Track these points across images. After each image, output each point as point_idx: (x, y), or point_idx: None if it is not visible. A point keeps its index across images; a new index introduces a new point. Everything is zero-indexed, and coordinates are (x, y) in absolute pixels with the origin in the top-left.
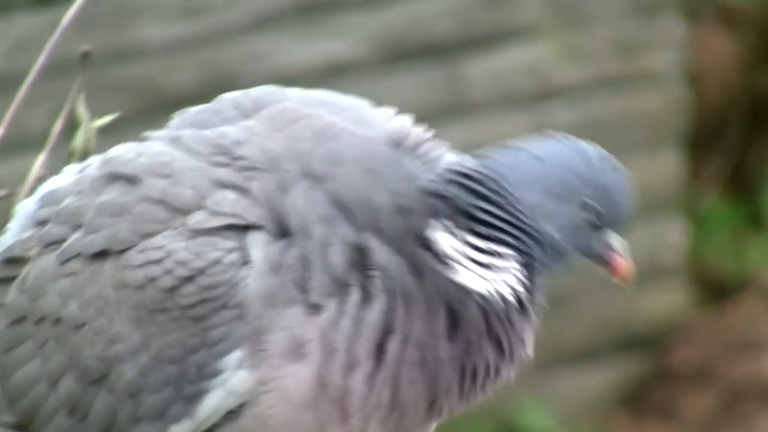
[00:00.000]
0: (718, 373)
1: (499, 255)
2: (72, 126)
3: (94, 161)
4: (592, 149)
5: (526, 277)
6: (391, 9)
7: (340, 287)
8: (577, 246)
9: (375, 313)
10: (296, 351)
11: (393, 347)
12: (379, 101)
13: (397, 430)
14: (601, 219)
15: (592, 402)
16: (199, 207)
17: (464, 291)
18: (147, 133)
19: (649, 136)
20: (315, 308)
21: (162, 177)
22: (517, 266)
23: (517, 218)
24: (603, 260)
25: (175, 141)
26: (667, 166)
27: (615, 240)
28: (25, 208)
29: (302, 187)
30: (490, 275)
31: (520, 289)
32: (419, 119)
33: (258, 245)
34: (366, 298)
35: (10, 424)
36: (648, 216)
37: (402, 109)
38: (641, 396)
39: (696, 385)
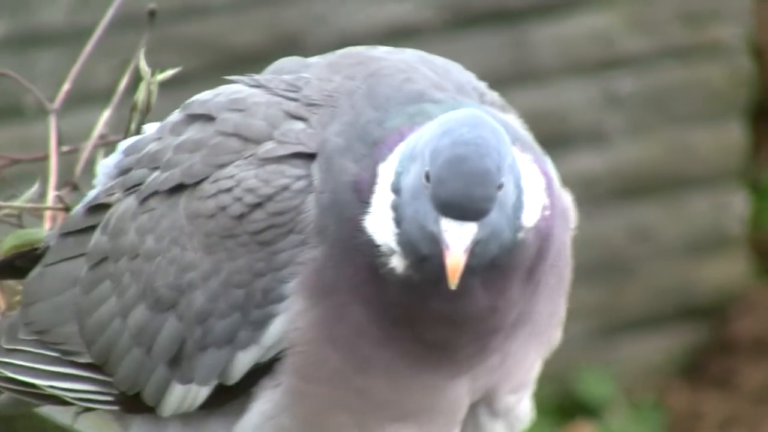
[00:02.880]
0: None
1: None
2: (136, 81)
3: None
4: (463, 123)
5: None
6: None
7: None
8: (414, 211)
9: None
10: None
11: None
12: None
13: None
14: (432, 193)
15: (650, 370)
16: (270, 137)
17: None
18: (229, 78)
19: (713, 107)
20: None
21: (236, 111)
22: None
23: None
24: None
25: (255, 82)
26: (730, 137)
27: (452, 226)
28: (109, 161)
29: (340, 119)
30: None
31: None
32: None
33: (317, 174)
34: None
35: (87, 365)
36: (710, 186)
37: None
38: (699, 365)
39: (754, 356)
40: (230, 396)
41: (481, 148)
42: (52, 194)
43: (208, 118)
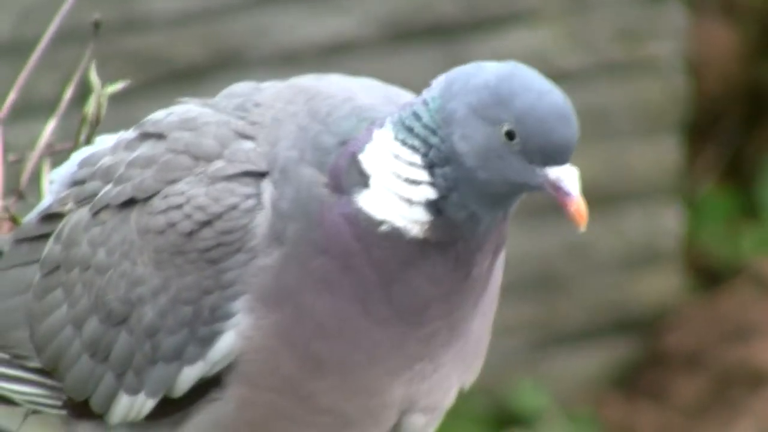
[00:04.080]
0: (709, 358)
1: (416, 183)
2: (82, 93)
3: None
4: (526, 73)
5: (438, 212)
6: None
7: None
8: (495, 173)
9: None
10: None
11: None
12: (383, 80)
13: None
14: (530, 149)
15: (585, 383)
16: (219, 156)
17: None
18: (181, 99)
19: (649, 123)
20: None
21: (187, 130)
22: (431, 197)
23: (432, 131)
24: (551, 195)
25: (205, 103)
26: (666, 153)
27: (561, 173)
28: (62, 171)
29: (287, 137)
30: (399, 206)
31: (425, 226)
32: None
33: (267, 191)
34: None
35: (36, 370)
36: (645, 201)
37: (406, 89)
38: (634, 378)
39: (687, 369)
40: (176, 407)
41: (557, 90)
42: None
43: (160, 137)
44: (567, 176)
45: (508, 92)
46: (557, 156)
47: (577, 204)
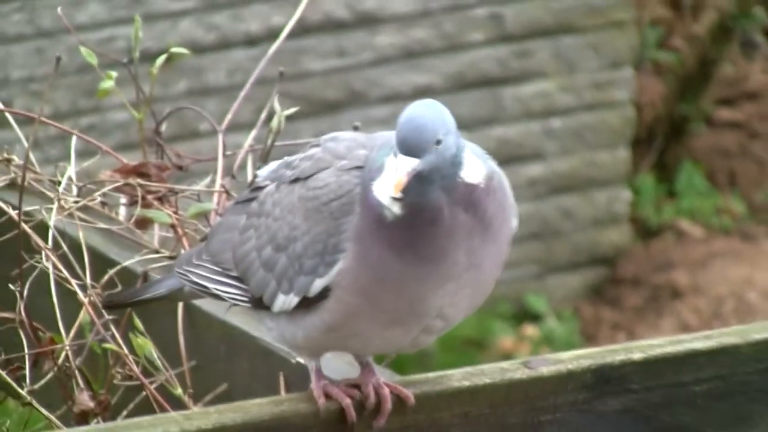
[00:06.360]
0: (645, 281)
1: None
2: (269, 115)
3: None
4: (419, 101)
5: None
6: None
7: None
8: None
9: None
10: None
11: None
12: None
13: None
14: (395, 144)
15: (569, 295)
16: (345, 157)
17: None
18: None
19: (611, 139)
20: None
21: (332, 142)
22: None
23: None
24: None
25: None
26: (620, 156)
27: (396, 161)
28: (269, 167)
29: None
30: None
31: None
32: None
33: (361, 179)
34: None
35: (235, 278)
36: (608, 186)
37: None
38: (599, 293)
39: (632, 288)
40: (309, 302)
41: (425, 116)
42: (218, 182)
43: (319, 145)
44: (404, 161)
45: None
46: (403, 148)
47: (398, 177)
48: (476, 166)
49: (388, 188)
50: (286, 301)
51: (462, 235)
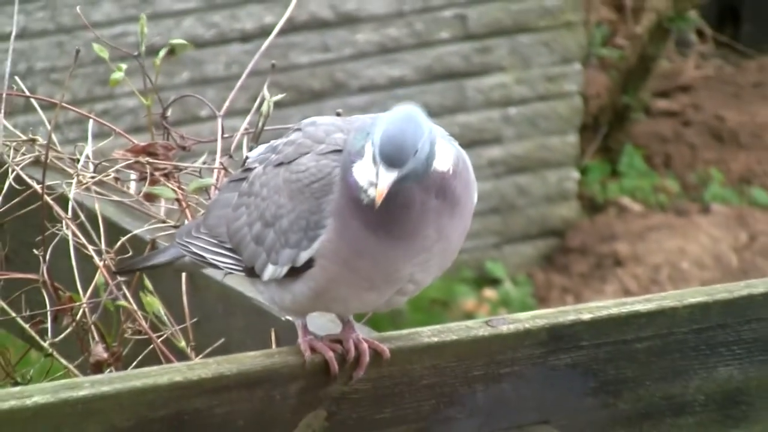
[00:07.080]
0: (592, 250)
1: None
2: (260, 102)
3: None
4: (398, 110)
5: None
6: None
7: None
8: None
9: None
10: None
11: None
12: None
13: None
14: (376, 155)
15: (525, 263)
16: (323, 141)
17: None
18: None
19: (561, 126)
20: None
21: (311, 126)
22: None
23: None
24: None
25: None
26: (570, 142)
27: (379, 172)
28: (258, 150)
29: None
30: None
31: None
32: None
33: (340, 161)
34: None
35: (229, 249)
36: (559, 167)
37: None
38: (551, 261)
39: (580, 255)
40: (296, 271)
41: (405, 132)
42: (218, 161)
43: (300, 129)
44: (384, 174)
45: (381, 124)
46: (383, 161)
47: (379, 189)
48: (446, 153)
49: (370, 192)
50: (275, 270)
51: (432, 216)
